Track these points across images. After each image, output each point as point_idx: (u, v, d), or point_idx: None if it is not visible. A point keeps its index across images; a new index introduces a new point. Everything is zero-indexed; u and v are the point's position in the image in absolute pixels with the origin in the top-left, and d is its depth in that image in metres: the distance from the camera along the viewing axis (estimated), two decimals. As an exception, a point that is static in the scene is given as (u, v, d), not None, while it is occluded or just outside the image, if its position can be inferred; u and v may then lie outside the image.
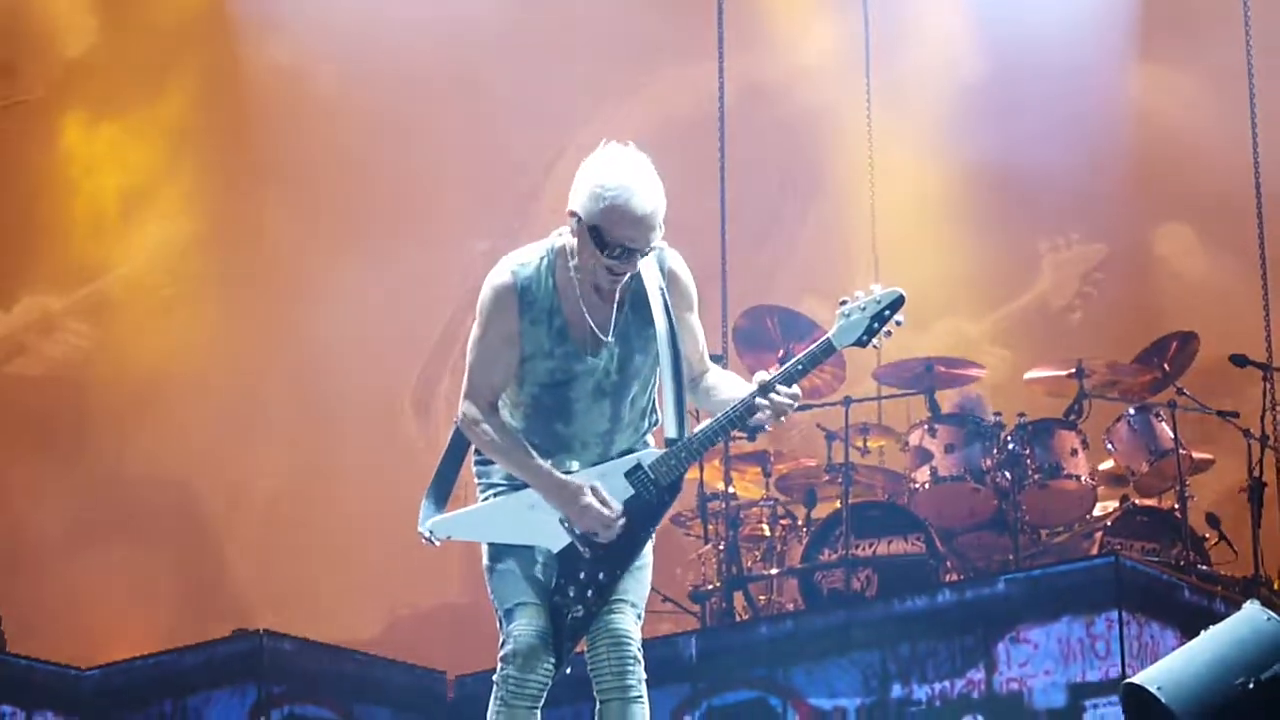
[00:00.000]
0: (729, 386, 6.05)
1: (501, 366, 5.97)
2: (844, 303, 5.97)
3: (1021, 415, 11.29)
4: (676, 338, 5.95)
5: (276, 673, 9.93)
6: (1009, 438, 11.17)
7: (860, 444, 11.93)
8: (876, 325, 5.94)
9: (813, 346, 5.93)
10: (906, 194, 14.31)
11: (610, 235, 5.79)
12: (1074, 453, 11.15)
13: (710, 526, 11.88)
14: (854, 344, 5.95)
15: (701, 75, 12.67)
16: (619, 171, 5.80)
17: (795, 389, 5.86)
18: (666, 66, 15.00)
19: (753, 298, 12.31)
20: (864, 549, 10.80)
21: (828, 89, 14.69)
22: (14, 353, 14.20)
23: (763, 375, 5.91)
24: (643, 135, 5.94)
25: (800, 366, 5.91)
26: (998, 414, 11.50)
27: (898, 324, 5.96)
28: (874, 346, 5.99)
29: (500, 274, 5.98)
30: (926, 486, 11.12)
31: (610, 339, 5.95)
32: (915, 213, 14.36)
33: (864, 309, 5.94)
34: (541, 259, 5.97)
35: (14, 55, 14.27)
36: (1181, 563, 10.63)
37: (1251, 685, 5.98)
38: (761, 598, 11.56)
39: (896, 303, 5.94)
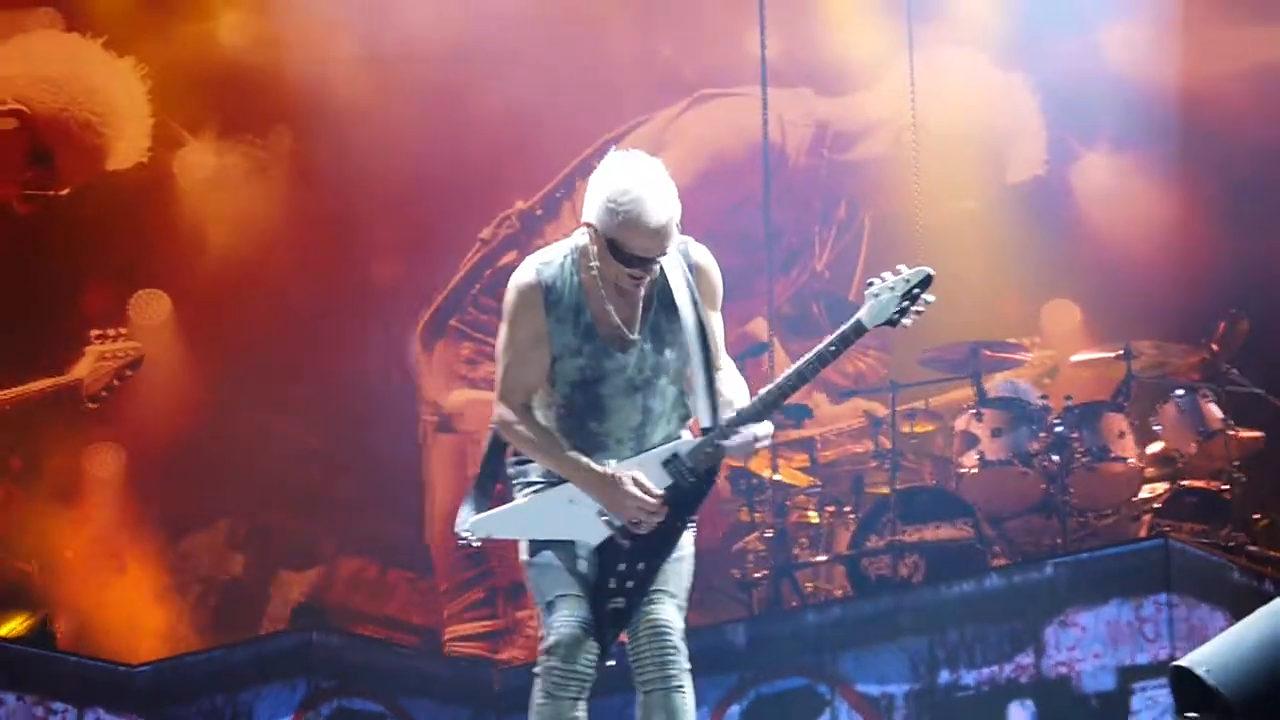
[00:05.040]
0: (728, 394, 6.02)
1: (533, 366, 5.98)
2: (871, 284, 6.00)
3: (1068, 398, 11.24)
4: (706, 330, 5.97)
5: (325, 667, 9.95)
6: (1056, 421, 11.11)
7: (907, 429, 11.91)
8: (907, 304, 5.96)
9: (844, 327, 5.95)
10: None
11: (626, 247, 5.80)
12: (1122, 435, 11.09)
13: (757, 514, 11.88)
14: (885, 323, 5.97)
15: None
16: (631, 182, 5.80)
17: (755, 430, 5.91)
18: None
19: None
20: (911, 534, 10.77)
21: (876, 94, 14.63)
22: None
23: (725, 415, 5.95)
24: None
25: (833, 348, 5.93)
26: (1044, 397, 11.47)
27: (927, 302, 5.99)
28: (904, 325, 6.00)
29: (524, 273, 5.99)
30: (974, 471, 11.08)
31: (638, 336, 5.97)
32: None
33: (893, 288, 5.96)
34: (565, 257, 5.99)
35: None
36: (1231, 544, 10.56)
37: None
38: (809, 585, 11.55)
39: (925, 281, 5.97)
